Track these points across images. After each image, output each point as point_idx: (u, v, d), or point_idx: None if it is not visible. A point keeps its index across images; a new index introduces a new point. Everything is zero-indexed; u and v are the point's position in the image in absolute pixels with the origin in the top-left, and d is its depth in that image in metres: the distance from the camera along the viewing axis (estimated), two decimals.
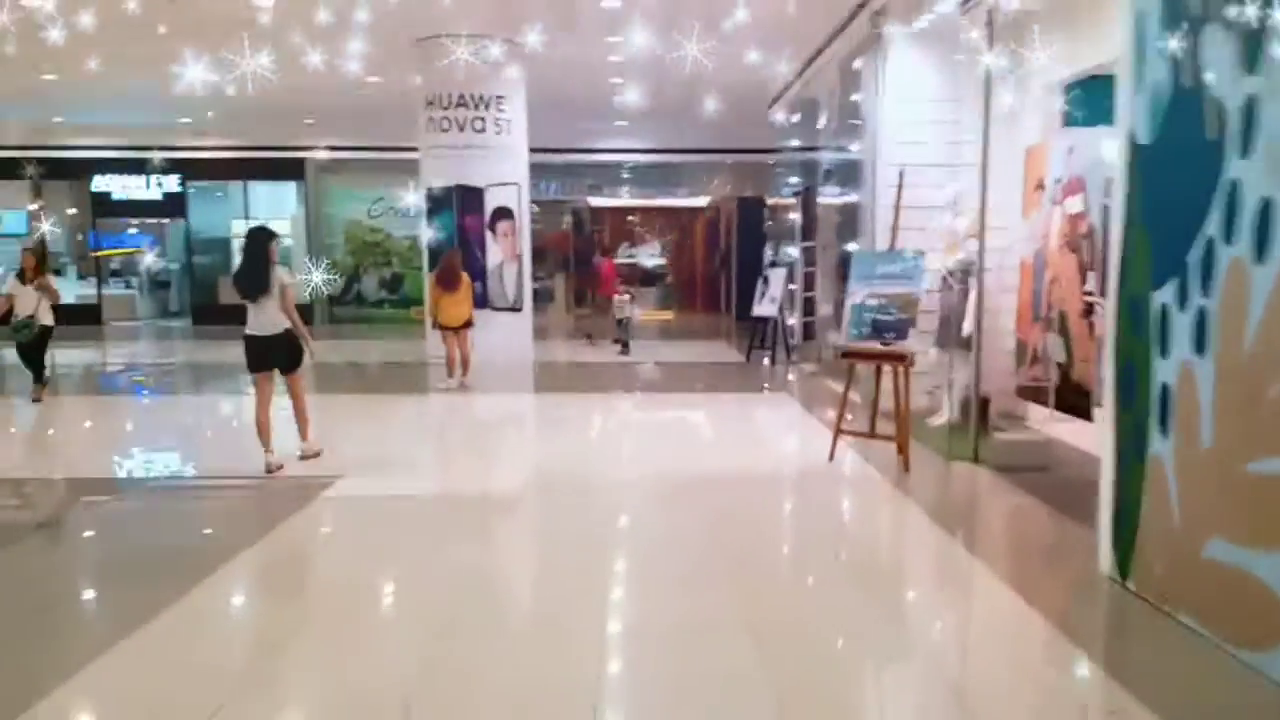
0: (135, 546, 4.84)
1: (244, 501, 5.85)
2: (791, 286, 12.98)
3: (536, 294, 14.26)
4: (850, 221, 10.25)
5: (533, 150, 12.63)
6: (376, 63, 12.30)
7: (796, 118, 13.12)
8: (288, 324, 6.10)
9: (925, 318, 6.91)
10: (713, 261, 22.19)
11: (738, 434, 8.20)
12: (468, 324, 10.28)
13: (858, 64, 9.65)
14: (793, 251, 13.50)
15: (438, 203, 12.11)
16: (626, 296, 14.06)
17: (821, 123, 11.54)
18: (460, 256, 10.67)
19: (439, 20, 10.47)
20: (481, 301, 11.67)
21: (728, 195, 20.76)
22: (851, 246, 8.96)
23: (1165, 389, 3.62)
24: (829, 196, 11.44)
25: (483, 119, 11.88)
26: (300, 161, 19.70)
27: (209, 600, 4.01)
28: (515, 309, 12.43)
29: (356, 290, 20.46)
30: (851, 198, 9.71)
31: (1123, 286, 3.96)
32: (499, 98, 11.93)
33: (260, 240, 6.17)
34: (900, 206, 6.45)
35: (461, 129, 11.84)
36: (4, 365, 11.25)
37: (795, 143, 13.30)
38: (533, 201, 15.22)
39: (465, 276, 10.36)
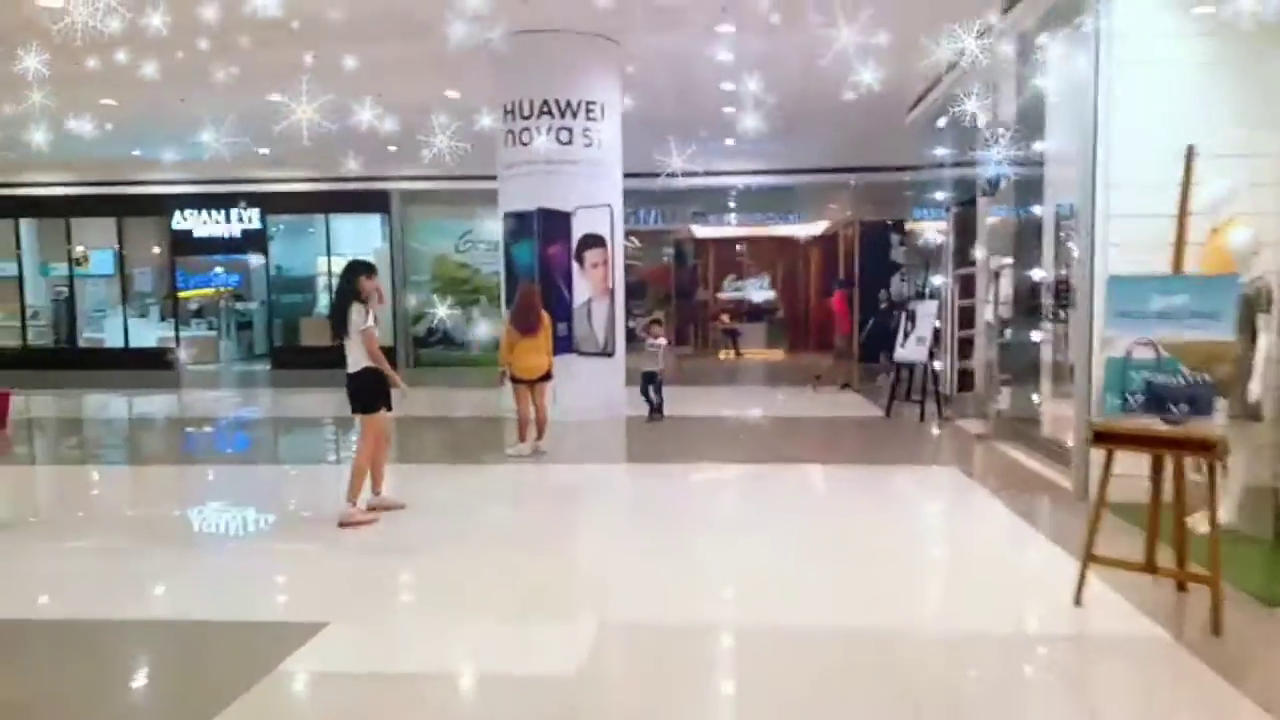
0: None
1: (144, 681, 3.83)
2: (936, 324, 10.62)
3: (630, 334, 12.12)
4: (1033, 240, 7.91)
5: (627, 175, 10.63)
6: (454, 71, 10.65)
7: (944, 121, 10.79)
8: (366, 364, 5.79)
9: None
10: (830, 295, 19.80)
11: (911, 541, 5.75)
12: (546, 376, 8.30)
13: (1043, 38, 7.37)
14: (942, 281, 11.11)
15: (517, 230, 10.27)
16: (660, 341, 10.42)
17: (985, 121, 9.20)
18: (539, 292, 8.68)
19: (518, 16, 8.65)
20: (565, 345, 9.71)
21: (849, 219, 18.35)
22: (1074, 267, 6.56)
23: None
24: (999, 211, 9.06)
25: (569, 129, 10.00)
26: (385, 193, 18.32)
27: None
28: (606, 354, 10.42)
29: (443, 330, 18.83)
30: (1040, 209, 7.36)
31: None
32: (589, 104, 10.03)
33: (346, 275, 5.87)
34: (1187, 209, 4.09)
35: (545, 140, 9.92)
36: None
37: (943, 151, 10.94)
38: (628, 233, 13.27)
39: (546, 317, 8.36)
